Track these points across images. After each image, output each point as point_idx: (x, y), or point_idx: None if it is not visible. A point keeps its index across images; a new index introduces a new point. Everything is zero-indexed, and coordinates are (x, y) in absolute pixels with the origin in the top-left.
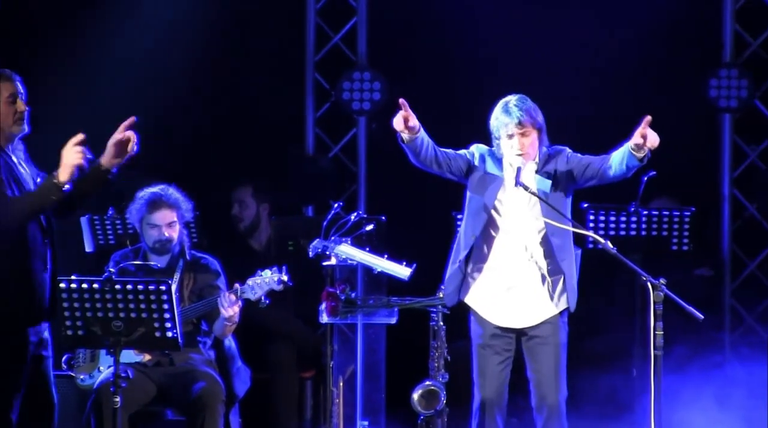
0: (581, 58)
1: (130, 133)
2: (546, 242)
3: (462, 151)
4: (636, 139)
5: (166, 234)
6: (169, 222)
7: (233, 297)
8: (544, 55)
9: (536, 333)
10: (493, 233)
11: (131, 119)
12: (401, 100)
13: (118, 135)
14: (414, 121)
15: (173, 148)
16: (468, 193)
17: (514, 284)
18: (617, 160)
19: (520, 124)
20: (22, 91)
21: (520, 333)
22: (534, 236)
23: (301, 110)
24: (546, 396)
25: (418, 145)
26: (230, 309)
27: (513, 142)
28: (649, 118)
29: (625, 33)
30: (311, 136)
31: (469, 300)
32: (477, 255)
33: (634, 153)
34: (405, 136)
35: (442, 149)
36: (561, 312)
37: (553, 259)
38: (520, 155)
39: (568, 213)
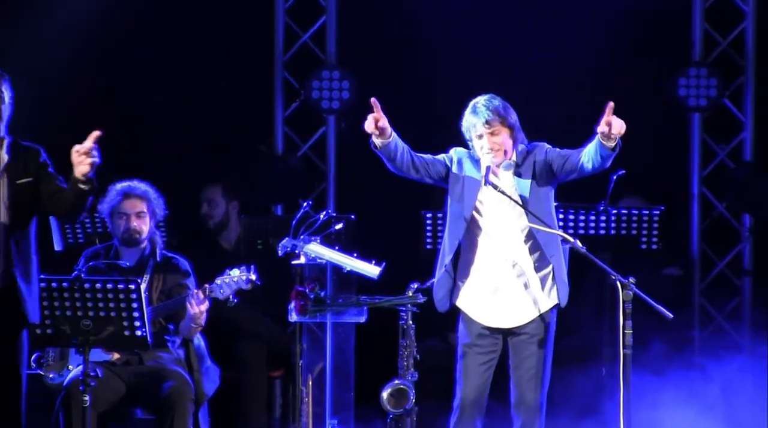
0: (552, 57)
1: (88, 145)
2: (531, 239)
3: (440, 156)
4: (602, 127)
5: (134, 224)
6: (137, 211)
7: (201, 294)
8: (515, 54)
9: (524, 332)
10: (477, 235)
11: (96, 133)
12: (373, 100)
13: (78, 146)
14: (384, 122)
15: (142, 147)
16: (448, 198)
17: (501, 284)
18: (591, 151)
19: (487, 123)
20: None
21: (507, 333)
22: (518, 235)
23: (270, 109)
24: (525, 394)
25: (391, 150)
26: (197, 307)
27: (483, 141)
28: (612, 104)
29: (595, 32)
30: (280, 135)
31: (459, 302)
32: (463, 259)
33: (604, 142)
34: (377, 140)
35: (419, 154)
36: (550, 309)
37: (540, 255)
38: (490, 153)
39: (551, 208)
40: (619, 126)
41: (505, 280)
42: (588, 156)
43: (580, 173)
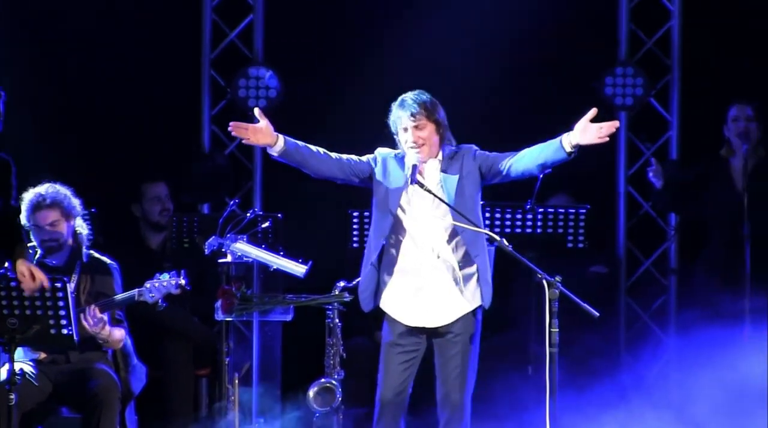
0: (479, 55)
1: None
2: (456, 239)
3: (364, 157)
4: (597, 132)
5: (49, 235)
6: (51, 222)
7: (96, 311)
8: (444, 52)
9: (447, 331)
10: (401, 235)
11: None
12: (257, 110)
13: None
14: (265, 134)
15: (67, 146)
16: (373, 198)
17: (424, 284)
18: (533, 155)
19: (412, 115)
20: None
21: (431, 333)
22: (442, 234)
23: (197, 107)
24: (450, 393)
25: (292, 154)
26: (93, 327)
27: (407, 135)
28: (595, 109)
29: (522, 32)
30: (207, 133)
31: (382, 302)
32: (387, 258)
33: (565, 147)
34: (270, 151)
35: (341, 156)
36: (475, 310)
37: (464, 255)
38: (414, 148)
39: (477, 209)
40: (611, 129)
41: (429, 280)
42: (525, 160)
43: (504, 178)
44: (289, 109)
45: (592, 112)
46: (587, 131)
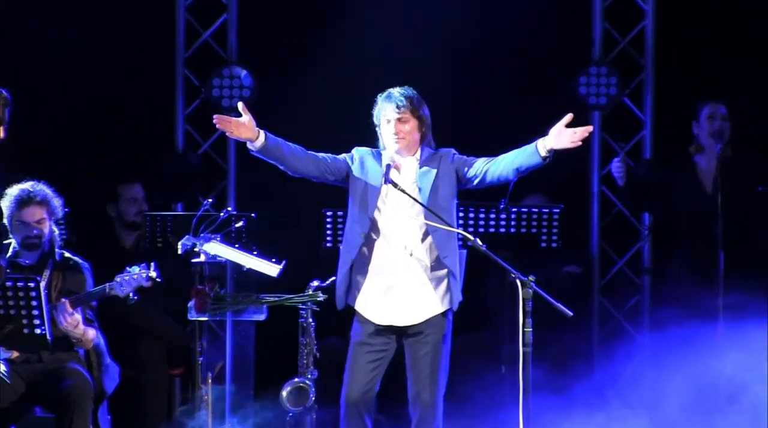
0: (454, 54)
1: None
2: (428, 239)
3: (341, 155)
4: (570, 137)
5: (35, 232)
6: (38, 219)
7: (68, 306)
8: (417, 52)
9: (417, 331)
10: (375, 233)
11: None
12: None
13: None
14: (247, 129)
15: (42, 144)
16: (349, 196)
17: (395, 283)
18: (508, 160)
19: (398, 107)
20: None
21: (401, 333)
22: (416, 233)
23: (171, 107)
24: (421, 393)
25: (272, 151)
26: (66, 321)
27: (390, 126)
28: (571, 115)
29: (496, 31)
30: (181, 133)
31: (353, 301)
32: (360, 257)
33: (540, 152)
34: (250, 146)
35: (318, 154)
36: (445, 311)
37: (436, 257)
38: (395, 138)
39: (452, 211)
40: (583, 134)
41: (399, 279)
42: (502, 166)
43: (480, 183)
44: (263, 108)
45: (568, 117)
46: (561, 136)
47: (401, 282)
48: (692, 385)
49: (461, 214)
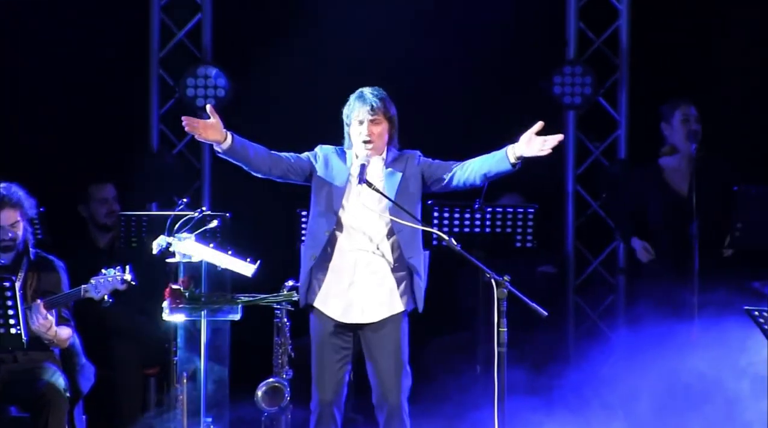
0: (426, 55)
1: None
2: (392, 239)
3: (304, 154)
4: (539, 145)
5: (10, 234)
6: (12, 222)
7: (43, 309)
8: (391, 51)
9: (376, 330)
10: (339, 231)
11: None
12: (209, 107)
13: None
14: (214, 131)
15: (15, 144)
16: (312, 194)
17: (357, 279)
18: (476, 166)
19: (372, 109)
20: None
21: (360, 330)
22: (380, 233)
23: (145, 106)
24: (386, 395)
25: (238, 152)
26: (38, 321)
27: (362, 128)
28: (542, 123)
29: (470, 30)
30: (156, 133)
31: (315, 300)
32: (323, 254)
33: (509, 158)
34: (217, 148)
35: (280, 153)
36: (406, 311)
37: (399, 257)
38: (367, 142)
39: (418, 214)
40: (553, 143)
41: (362, 275)
42: (469, 171)
43: (445, 187)
44: (237, 106)
45: (538, 125)
46: (532, 143)
47: (363, 279)
48: (667, 383)
49: (436, 214)
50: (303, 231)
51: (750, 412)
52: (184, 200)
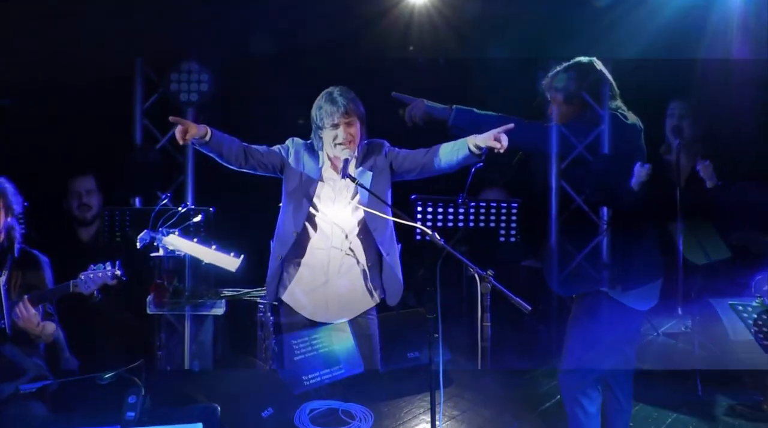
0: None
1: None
2: (366, 235)
3: (275, 147)
4: (492, 143)
5: None
6: None
7: (29, 305)
8: (360, 51)
9: (350, 329)
10: (310, 227)
11: None
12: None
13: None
14: (193, 131)
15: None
16: (284, 189)
17: (330, 278)
18: (447, 151)
19: (346, 112)
20: None
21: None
22: (353, 229)
23: (128, 101)
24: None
25: (215, 146)
26: (23, 317)
27: (338, 131)
28: (511, 125)
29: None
30: (139, 128)
31: (285, 295)
32: (294, 250)
33: (473, 152)
34: (195, 141)
35: (253, 146)
36: (377, 306)
37: (373, 252)
38: (343, 143)
39: (388, 209)
40: (505, 144)
41: (336, 273)
42: (444, 156)
43: (421, 173)
44: (221, 102)
45: (509, 127)
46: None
47: (337, 277)
48: None
49: (419, 209)
50: None
51: None
52: (168, 195)
